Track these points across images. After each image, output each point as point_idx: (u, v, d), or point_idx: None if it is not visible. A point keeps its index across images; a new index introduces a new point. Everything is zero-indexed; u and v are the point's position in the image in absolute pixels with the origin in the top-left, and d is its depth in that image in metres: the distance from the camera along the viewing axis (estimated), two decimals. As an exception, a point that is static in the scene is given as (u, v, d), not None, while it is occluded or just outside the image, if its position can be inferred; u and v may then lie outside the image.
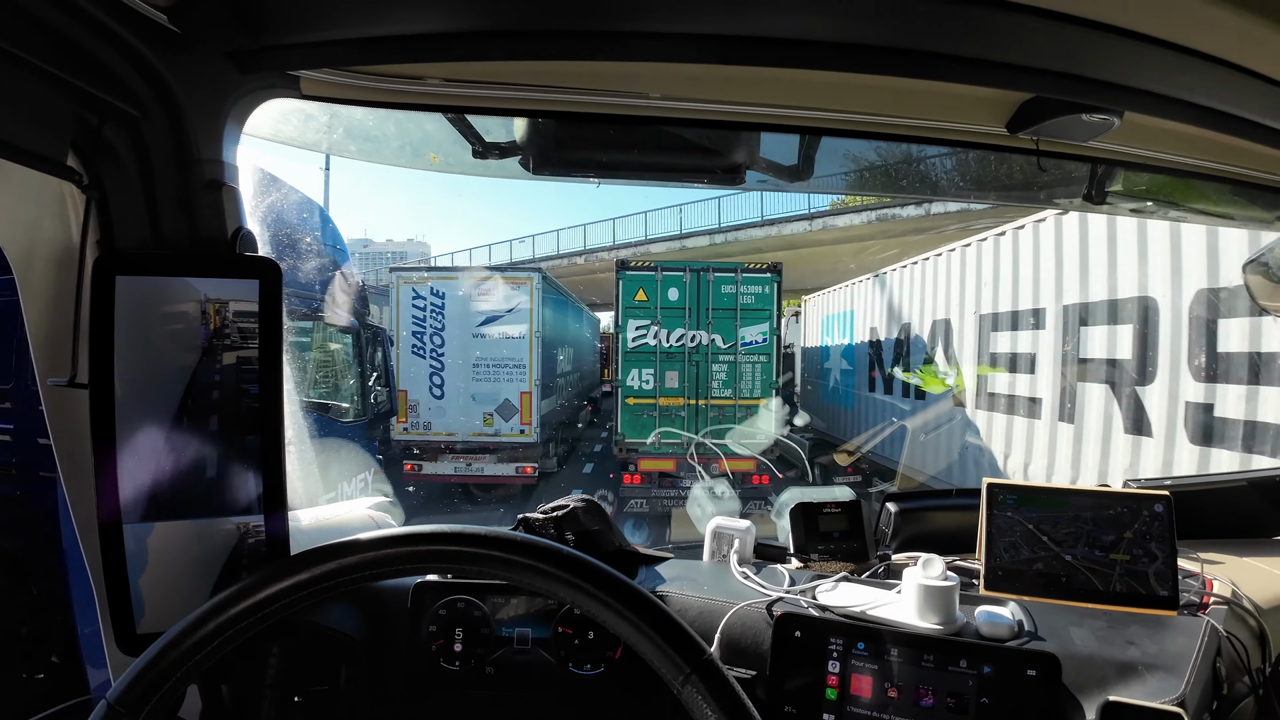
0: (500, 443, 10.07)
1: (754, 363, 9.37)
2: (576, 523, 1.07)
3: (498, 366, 10.06)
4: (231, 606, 0.68)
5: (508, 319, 10.08)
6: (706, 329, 9.35)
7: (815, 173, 1.14)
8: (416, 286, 10.05)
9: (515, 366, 10.08)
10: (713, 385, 9.37)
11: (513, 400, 10.06)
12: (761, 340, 9.36)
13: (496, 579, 0.72)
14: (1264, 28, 0.68)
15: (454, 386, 10.03)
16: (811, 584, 1.04)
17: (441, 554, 0.70)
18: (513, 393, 10.05)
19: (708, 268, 9.47)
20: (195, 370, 0.84)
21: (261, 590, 0.69)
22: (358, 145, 1.17)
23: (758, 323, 9.35)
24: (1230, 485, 1.43)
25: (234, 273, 0.86)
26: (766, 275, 9.35)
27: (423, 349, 10.03)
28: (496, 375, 10.08)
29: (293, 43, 0.83)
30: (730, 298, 9.35)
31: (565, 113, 1.04)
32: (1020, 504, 1.04)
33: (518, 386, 10.06)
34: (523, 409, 10.07)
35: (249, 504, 0.87)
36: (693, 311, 9.34)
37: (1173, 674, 0.85)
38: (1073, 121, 0.96)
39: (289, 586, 0.69)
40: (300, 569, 0.69)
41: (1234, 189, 1.23)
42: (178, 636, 0.67)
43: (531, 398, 10.08)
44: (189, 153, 0.87)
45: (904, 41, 0.80)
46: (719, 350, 9.35)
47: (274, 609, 0.69)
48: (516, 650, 1.02)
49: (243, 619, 0.68)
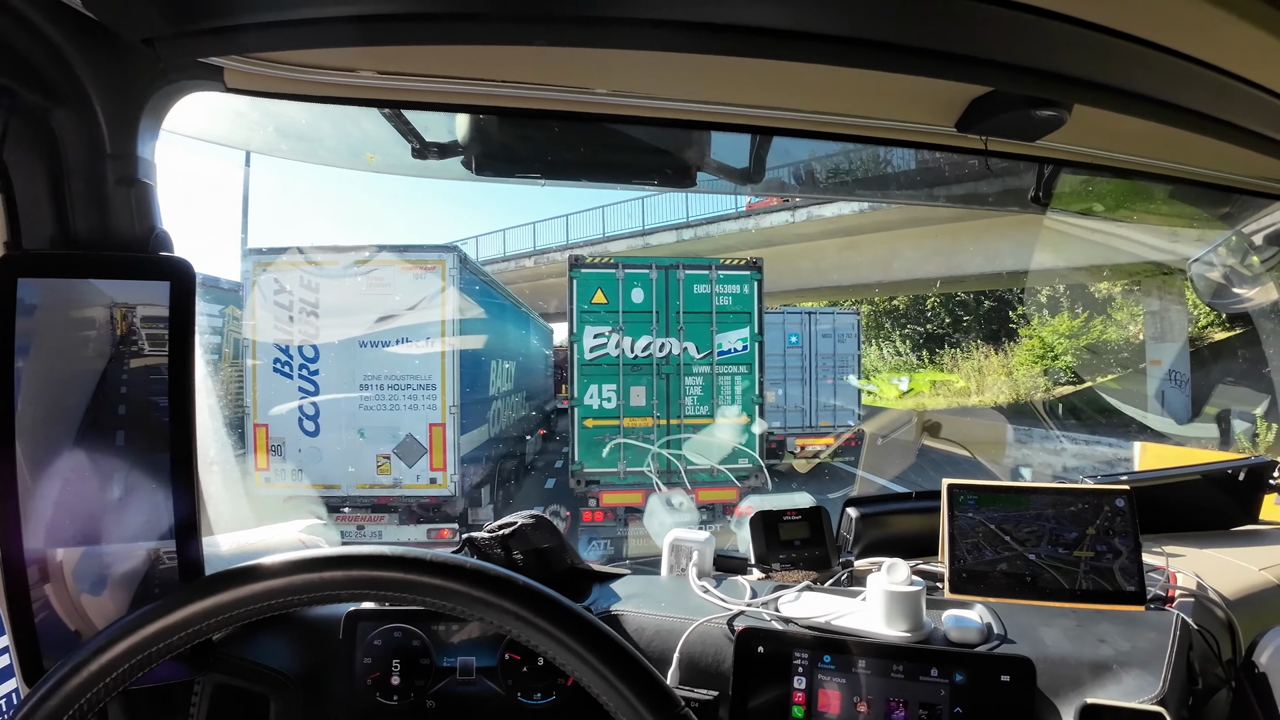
0: (402, 497, 7.21)
1: (733, 374, 8.19)
2: (526, 541, 1.03)
3: (396, 388, 7.19)
4: (117, 642, 0.61)
5: (411, 320, 7.22)
6: (677, 336, 8.13)
7: (766, 174, 1.14)
8: (280, 276, 7.01)
9: (422, 387, 7.20)
10: (686, 402, 8.13)
11: (418, 436, 7.19)
12: (741, 348, 8.18)
13: (435, 608, 0.65)
14: (1210, 15, 0.70)
15: (333, 418, 7.11)
16: (774, 595, 1.01)
17: (377, 581, 0.64)
18: (418, 425, 7.19)
19: (677, 264, 8.24)
20: (101, 381, 0.80)
21: (149, 623, 0.62)
22: (290, 144, 1.13)
23: (736, 328, 8.20)
24: (1185, 479, 1.47)
25: (144, 274, 0.82)
26: (745, 273, 8.22)
27: (289, 365, 7.05)
28: (395, 401, 7.18)
29: (212, 27, 0.79)
30: (704, 299, 8.18)
31: (508, 108, 1.02)
32: (981, 504, 1.04)
33: (425, 416, 7.18)
34: (433, 448, 7.17)
35: (162, 527, 0.82)
36: (661, 315, 8.12)
37: (1148, 671, 0.85)
38: (1022, 117, 0.97)
39: (165, 627, 0.62)
40: (192, 599, 0.63)
41: (1179, 189, 1.28)
42: (66, 674, 0.61)
43: (446, 432, 7.16)
44: (101, 147, 0.83)
45: (856, 31, 0.80)
46: (692, 361, 8.17)
47: (170, 642, 0.62)
48: (460, 681, 0.96)
49: (136, 653, 0.61)
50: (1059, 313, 16.54)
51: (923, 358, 21.85)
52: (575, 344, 8.04)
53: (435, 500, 7.24)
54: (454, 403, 7.24)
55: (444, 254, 7.33)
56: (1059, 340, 16.25)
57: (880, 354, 23.17)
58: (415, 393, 7.24)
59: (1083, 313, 15.91)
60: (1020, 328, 17.86)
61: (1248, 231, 1.48)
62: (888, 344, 23.08)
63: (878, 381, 22.09)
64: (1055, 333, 16.36)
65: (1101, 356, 15.41)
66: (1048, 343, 16.60)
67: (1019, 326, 18.01)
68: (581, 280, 8.05)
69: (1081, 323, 15.97)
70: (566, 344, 8.27)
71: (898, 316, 22.95)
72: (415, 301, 7.21)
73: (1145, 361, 13.81)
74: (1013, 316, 18.35)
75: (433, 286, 7.22)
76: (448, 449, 7.18)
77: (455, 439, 7.21)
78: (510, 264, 22.53)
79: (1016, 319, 18.02)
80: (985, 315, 20.69)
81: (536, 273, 20.86)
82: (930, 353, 21.69)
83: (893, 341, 22.94)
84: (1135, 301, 15.08)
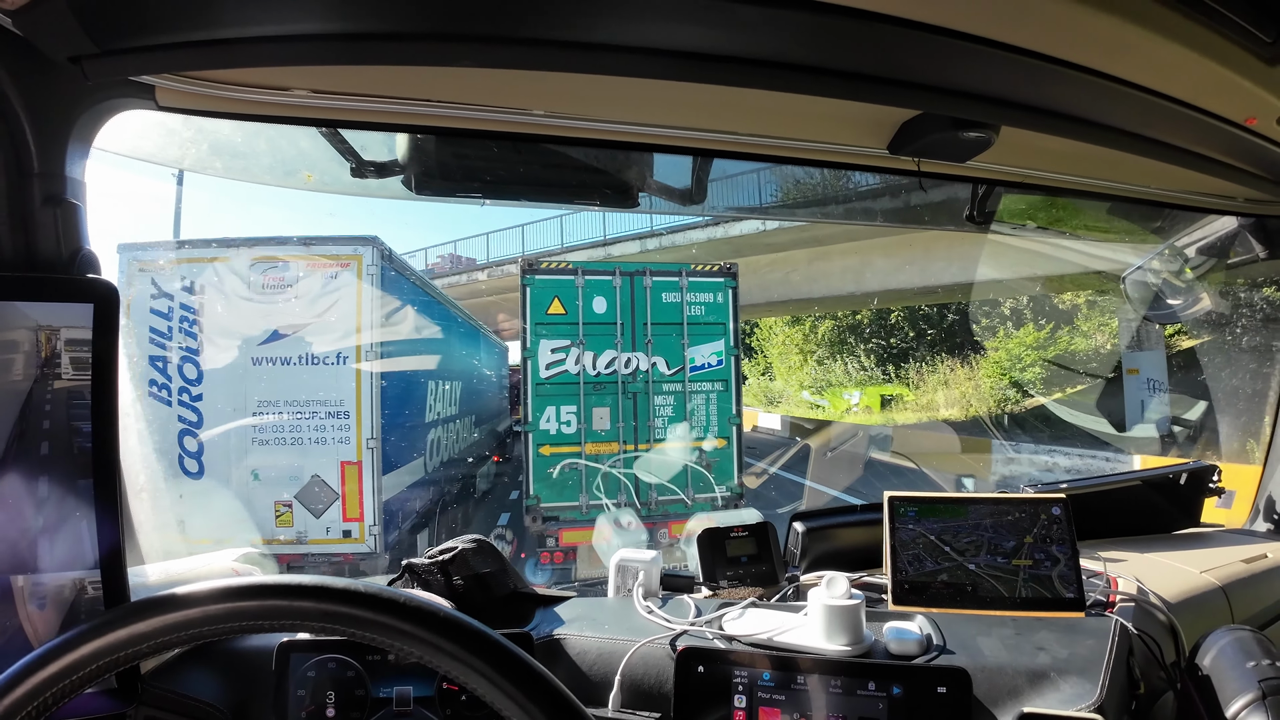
0: (309, 555, 5.80)
1: (707, 393, 7.44)
2: (466, 566, 1.03)
3: (300, 416, 5.77)
4: (37, 670, 0.60)
5: (317, 329, 5.78)
6: (645, 350, 7.27)
7: (708, 196, 1.17)
8: (159, 277, 5.63)
9: (332, 415, 5.78)
10: (655, 425, 7.29)
11: (327, 477, 5.74)
12: (716, 363, 7.46)
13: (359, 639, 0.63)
14: (1130, 34, 0.74)
15: (220, 455, 5.66)
16: (718, 614, 1.02)
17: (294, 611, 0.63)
18: (327, 464, 5.74)
19: (644, 270, 7.38)
20: (24, 405, 0.78)
21: (69, 651, 0.60)
22: (224, 162, 1.13)
23: (710, 340, 7.45)
24: (1124, 485, 1.52)
25: (68, 296, 0.80)
26: (719, 280, 7.48)
27: (167, 389, 5.60)
28: (297, 433, 5.73)
29: (141, 45, 0.80)
30: (674, 309, 7.37)
31: (446, 128, 1.03)
32: (921, 515, 1.07)
33: (336, 453, 5.74)
34: (346, 493, 5.75)
35: (86, 556, 0.81)
36: (626, 327, 7.26)
37: (1085, 678, 0.88)
38: (951, 139, 1.02)
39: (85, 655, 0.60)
40: (114, 625, 0.61)
41: (1111, 205, 1.34)
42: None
43: (363, 472, 5.75)
44: (28, 165, 0.82)
45: (788, 56, 0.83)
46: (662, 378, 7.33)
47: (91, 670, 0.60)
48: (397, 713, 0.95)
49: (56, 680, 0.59)
50: (1024, 324, 16.98)
51: (888, 372, 22.20)
52: (529, 360, 7.06)
53: (350, 558, 5.85)
54: (373, 435, 5.78)
55: (360, 246, 5.84)
56: (1026, 352, 16.68)
57: (845, 369, 23.51)
58: (324, 422, 5.77)
59: (1047, 324, 16.35)
60: (986, 340, 18.27)
61: (1180, 244, 1.57)
62: (852, 359, 23.42)
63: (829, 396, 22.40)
64: (1021, 344, 16.79)
65: (1070, 367, 15.85)
66: (1014, 354, 17.02)
67: (984, 339, 18.41)
68: (536, 288, 7.10)
69: (1048, 333, 16.43)
70: (520, 361, 7.32)
71: (860, 331, 23.32)
72: (324, 308, 5.78)
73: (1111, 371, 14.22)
74: (976, 329, 18.72)
75: (346, 285, 5.81)
76: (365, 494, 5.72)
77: (375, 481, 5.77)
78: (461, 278, 21.59)
79: (981, 331, 18.40)
80: (949, 328, 21.13)
81: (493, 285, 19.80)
82: (896, 367, 22.06)
83: (857, 356, 23.27)
84: (1102, 311, 15.55)
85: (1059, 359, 15.90)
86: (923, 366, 21.00)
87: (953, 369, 19.93)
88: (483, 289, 20.33)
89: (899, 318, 22.32)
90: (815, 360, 24.34)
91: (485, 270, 21.44)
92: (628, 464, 7.03)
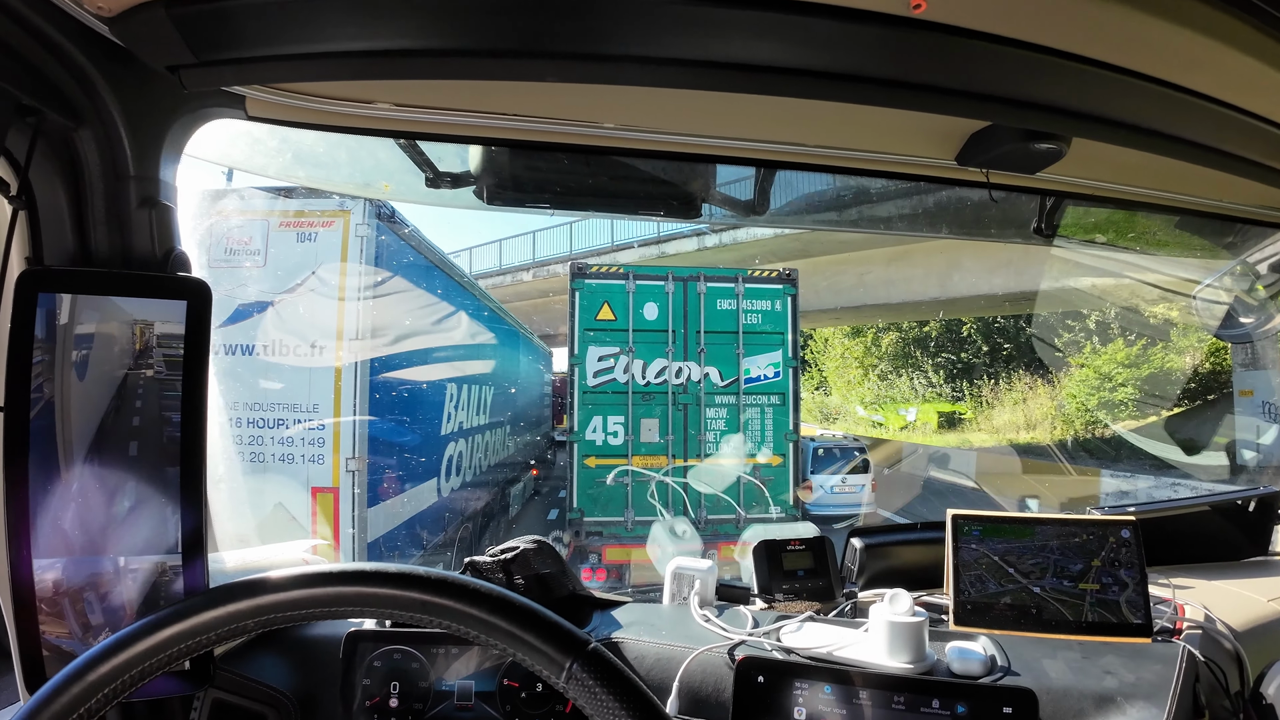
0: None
1: (763, 406, 7.41)
2: (527, 565, 1.12)
3: (260, 426, 4.56)
4: (119, 651, 0.67)
5: (287, 310, 4.56)
6: (698, 359, 7.33)
7: (770, 207, 1.25)
8: None
9: (303, 424, 4.62)
10: (707, 439, 7.26)
11: (294, 508, 4.64)
12: (773, 375, 7.41)
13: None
14: (1205, 48, 0.78)
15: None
16: (775, 625, 1.08)
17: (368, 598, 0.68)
18: (292, 490, 4.60)
19: (697, 275, 7.49)
20: (117, 396, 0.87)
21: (153, 633, 0.68)
22: (307, 171, 1.25)
23: (767, 350, 7.43)
24: (1192, 510, 1.53)
25: (162, 293, 0.90)
26: (778, 286, 7.50)
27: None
28: (257, 448, 4.55)
29: (236, 58, 0.89)
30: (729, 316, 7.39)
31: (520, 141, 1.13)
32: (986, 535, 1.11)
33: (306, 475, 4.59)
34: (318, 531, 4.68)
35: (168, 541, 0.89)
36: (678, 335, 7.32)
37: (1152, 703, 0.91)
38: (1022, 150, 1.06)
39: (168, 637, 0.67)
40: (197, 610, 0.69)
41: (1181, 220, 1.36)
42: (68, 680, 0.66)
43: (339, 502, 4.58)
44: (124, 168, 0.91)
45: (855, 68, 0.88)
46: (715, 389, 7.34)
47: (173, 652, 0.68)
48: (458, 706, 1.03)
49: (138, 662, 0.67)
50: (1111, 339, 16.26)
51: (959, 389, 21.58)
52: (576, 367, 7.15)
53: None
54: (354, 453, 4.53)
55: (350, 202, 4.61)
56: (1117, 370, 15.96)
57: (910, 384, 22.96)
58: (291, 435, 4.55)
59: (1138, 339, 15.63)
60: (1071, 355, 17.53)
61: (1252, 261, 1.57)
62: (919, 373, 22.86)
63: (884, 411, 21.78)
64: (1112, 361, 16.09)
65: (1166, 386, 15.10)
66: (1104, 371, 16.32)
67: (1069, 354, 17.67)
68: (585, 292, 7.19)
69: (1139, 349, 15.72)
70: (567, 368, 7.42)
71: (927, 344, 22.72)
72: (295, 280, 4.44)
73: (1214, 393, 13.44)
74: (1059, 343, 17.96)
75: (327, 251, 4.49)
76: (340, 531, 4.50)
77: (357, 513, 4.51)
78: (506, 277, 21.81)
79: (1065, 345, 17.64)
80: (1025, 342, 20.37)
81: (539, 286, 19.95)
82: (968, 383, 21.42)
83: (924, 370, 22.70)
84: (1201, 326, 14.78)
85: (1154, 378, 15.18)
86: (998, 384, 20.33)
87: (1031, 386, 19.21)
88: (527, 289, 20.25)
89: (971, 329, 21.68)
90: (877, 375, 23.86)
91: (530, 270, 21.37)
92: (676, 478, 6.66)
